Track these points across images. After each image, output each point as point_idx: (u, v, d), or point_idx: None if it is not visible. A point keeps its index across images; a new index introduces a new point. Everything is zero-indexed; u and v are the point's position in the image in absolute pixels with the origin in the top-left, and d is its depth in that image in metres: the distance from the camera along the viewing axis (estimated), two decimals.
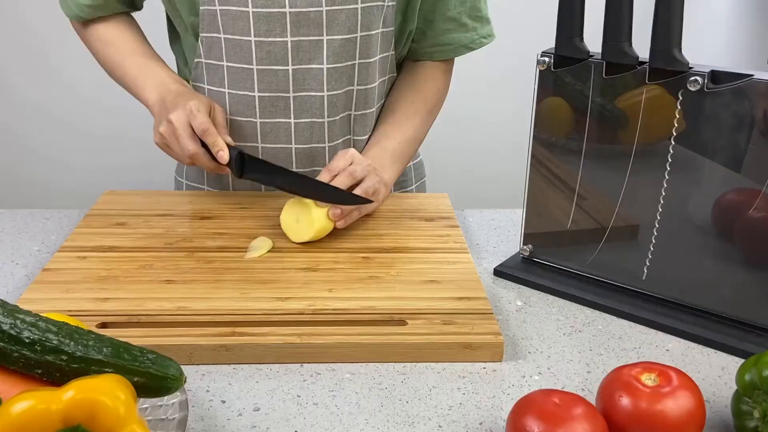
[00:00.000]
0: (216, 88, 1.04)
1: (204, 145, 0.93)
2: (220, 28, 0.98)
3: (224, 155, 0.92)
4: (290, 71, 1.00)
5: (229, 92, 1.03)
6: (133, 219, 0.98)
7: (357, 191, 0.93)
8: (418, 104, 1.10)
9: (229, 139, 0.95)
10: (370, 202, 0.93)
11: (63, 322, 0.58)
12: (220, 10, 0.97)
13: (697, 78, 0.74)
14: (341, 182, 0.93)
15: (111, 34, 1.07)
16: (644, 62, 0.77)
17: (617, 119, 0.81)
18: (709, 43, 1.97)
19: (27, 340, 0.55)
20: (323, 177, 0.94)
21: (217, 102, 1.04)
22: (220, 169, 0.95)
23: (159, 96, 1.00)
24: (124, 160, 2.11)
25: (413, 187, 1.23)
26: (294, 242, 0.93)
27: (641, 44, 0.77)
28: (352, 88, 1.04)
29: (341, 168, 0.94)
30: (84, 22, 1.09)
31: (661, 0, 0.73)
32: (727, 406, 0.69)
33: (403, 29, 1.07)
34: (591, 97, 0.81)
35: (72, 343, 0.56)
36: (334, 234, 0.94)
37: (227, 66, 1.01)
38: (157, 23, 1.14)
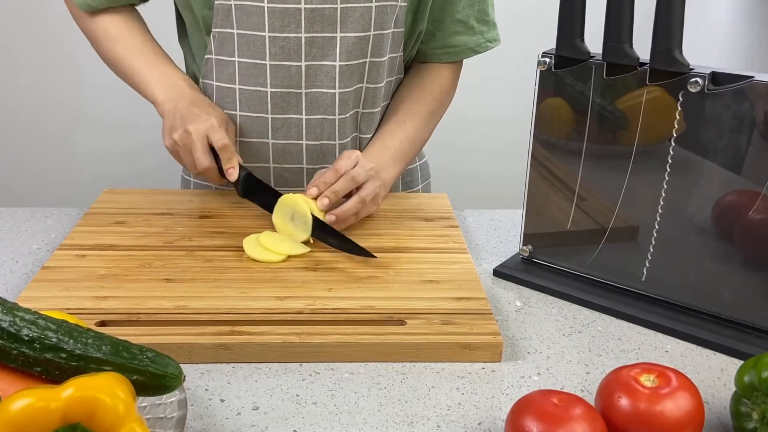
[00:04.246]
0: (226, 85, 1.04)
1: (215, 160, 0.96)
2: (234, 23, 0.98)
3: (234, 173, 0.95)
4: (303, 67, 1.00)
5: (239, 88, 1.03)
6: (132, 217, 0.98)
7: (354, 199, 0.94)
8: (423, 104, 1.10)
9: (239, 158, 0.97)
10: (373, 256, 0.88)
11: (62, 320, 0.58)
12: (235, 5, 0.97)
13: (698, 79, 0.74)
14: (342, 186, 0.93)
15: (119, 30, 1.07)
16: (645, 63, 0.77)
17: (617, 120, 0.81)
18: (710, 44, 1.97)
19: (26, 338, 0.55)
20: (329, 176, 0.94)
21: (227, 98, 1.05)
22: (222, 182, 0.98)
23: (169, 97, 1.00)
24: (131, 155, 2.11)
25: (419, 187, 1.23)
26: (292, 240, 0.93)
27: (642, 45, 0.77)
28: (362, 85, 1.05)
29: (347, 169, 0.94)
30: (91, 14, 1.07)
31: (661, 1, 0.73)
32: (726, 407, 0.69)
33: (413, 30, 1.07)
34: (591, 98, 0.81)
35: (71, 341, 0.56)
36: None
37: (239, 62, 1.01)
38: (165, 19, 1.14)
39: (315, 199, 0.92)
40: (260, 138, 1.06)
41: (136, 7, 1.12)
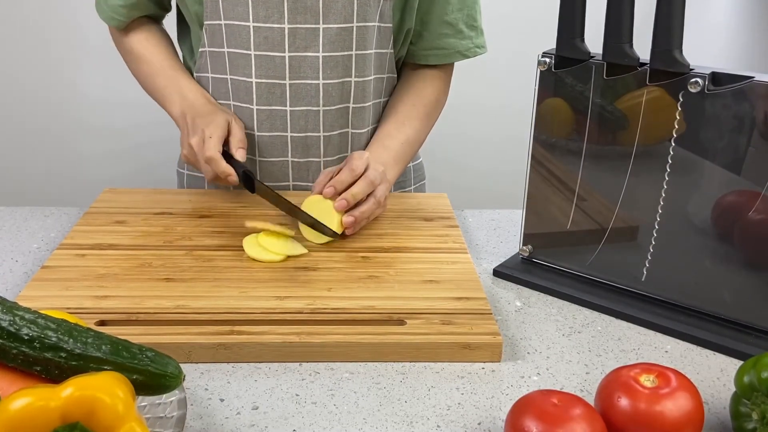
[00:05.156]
0: (219, 75, 1.06)
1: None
2: (221, 14, 1.00)
3: (233, 180, 0.95)
4: (287, 58, 1.01)
5: (230, 78, 1.05)
6: (132, 217, 0.98)
7: (371, 201, 0.94)
8: (419, 106, 1.11)
9: (241, 155, 0.96)
10: (337, 235, 0.92)
11: (62, 319, 0.58)
12: None
13: (698, 79, 0.74)
14: (362, 189, 0.93)
15: (143, 48, 1.11)
16: (645, 63, 0.77)
17: (618, 120, 0.81)
18: (710, 44, 1.97)
19: (26, 337, 0.55)
20: (345, 176, 0.94)
21: (222, 89, 1.06)
22: (238, 184, 0.97)
23: (181, 110, 1.04)
24: (128, 154, 2.11)
25: (412, 188, 1.24)
26: (315, 242, 0.93)
27: (642, 45, 0.77)
28: (349, 79, 1.05)
29: (361, 170, 0.95)
30: (121, 33, 1.11)
31: (661, 1, 0.73)
32: (726, 407, 0.69)
33: (401, 27, 1.08)
34: (591, 98, 0.81)
35: (71, 340, 0.56)
36: None
37: (228, 52, 1.03)
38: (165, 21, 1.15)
39: (330, 198, 0.92)
40: (246, 130, 1.06)
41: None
